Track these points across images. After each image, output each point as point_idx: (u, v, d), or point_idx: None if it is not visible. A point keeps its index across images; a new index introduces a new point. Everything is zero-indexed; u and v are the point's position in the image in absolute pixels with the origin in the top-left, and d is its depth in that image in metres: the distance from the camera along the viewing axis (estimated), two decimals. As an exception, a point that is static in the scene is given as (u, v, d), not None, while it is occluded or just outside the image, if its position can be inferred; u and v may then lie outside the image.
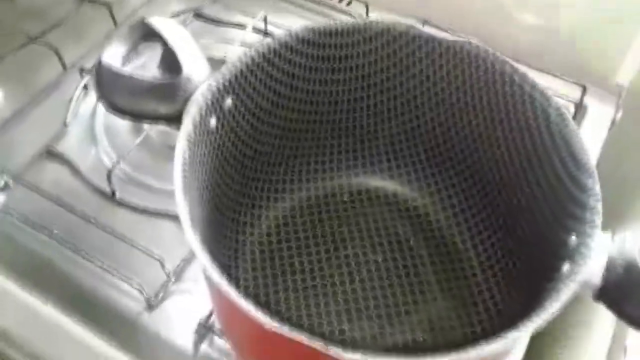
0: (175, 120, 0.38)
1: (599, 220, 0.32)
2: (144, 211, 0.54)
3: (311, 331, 0.43)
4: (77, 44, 0.67)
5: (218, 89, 0.38)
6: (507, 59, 0.39)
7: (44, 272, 0.51)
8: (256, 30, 0.67)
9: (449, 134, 0.46)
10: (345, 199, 0.52)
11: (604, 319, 0.48)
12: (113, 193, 0.55)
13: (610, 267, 0.32)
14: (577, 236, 0.33)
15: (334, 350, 0.28)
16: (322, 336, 0.43)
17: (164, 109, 0.38)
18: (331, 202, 0.51)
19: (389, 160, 0.51)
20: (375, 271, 0.48)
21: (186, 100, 0.38)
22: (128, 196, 0.55)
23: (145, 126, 0.59)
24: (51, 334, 0.50)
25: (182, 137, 0.35)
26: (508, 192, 0.41)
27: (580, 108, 0.61)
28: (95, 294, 0.50)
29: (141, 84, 0.37)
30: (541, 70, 0.60)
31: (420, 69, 0.43)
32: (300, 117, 0.46)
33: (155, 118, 0.38)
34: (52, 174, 0.57)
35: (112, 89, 0.37)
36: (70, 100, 0.62)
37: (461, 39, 0.41)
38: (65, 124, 0.60)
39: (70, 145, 0.59)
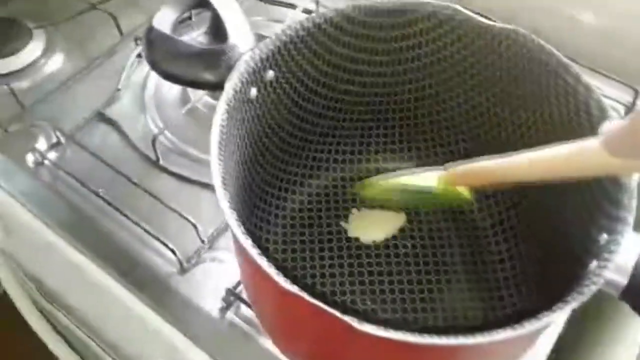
0: (218, 87, 0.38)
1: (631, 218, 0.32)
2: (185, 179, 0.56)
3: (330, 300, 0.44)
4: (135, 12, 0.69)
5: (261, 59, 0.39)
6: (553, 50, 0.38)
7: (85, 227, 0.53)
8: (307, 10, 0.68)
9: (489, 124, 0.45)
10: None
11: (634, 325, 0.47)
12: (157, 159, 0.57)
13: (638, 267, 0.31)
14: (607, 234, 0.33)
15: (349, 320, 0.28)
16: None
17: (208, 75, 0.39)
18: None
19: (427, 148, 0.51)
20: (403, 255, 0.48)
21: (230, 68, 0.38)
22: (171, 164, 0.57)
23: (192, 97, 0.61)
24: (87, 287, 0.52)
25: (222, 103, 0.36)
26: (543, 186, 0.40)
27: (630, 110, 0.60)
28: (132, 253, 0.52)
29: (188, 49, 0.38)
30: (593, 70, 0.58)
31: (464, 56, 0.43)
32: (341, 97, 0.47)
33: (200, 84, 0.39)
34: (102, 137, 0.59)
35: (161, 53, 0.38)
36: (124, 67, 0.64)
37: (508, 26, 0.40)
38: (117, 90, 0.62)
39: (120, 111, 0.61)
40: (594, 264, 0.32)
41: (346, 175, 0.52)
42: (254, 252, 0.30)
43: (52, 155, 0.57)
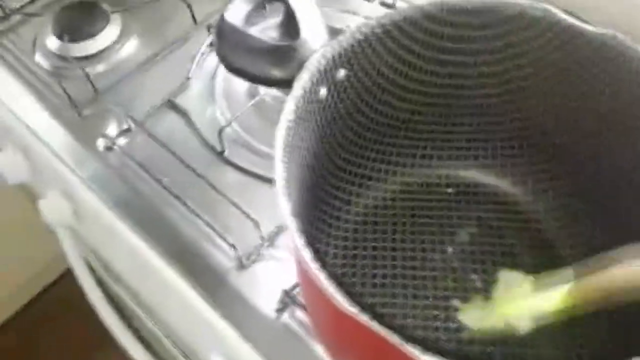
0: (287, 85, 0.37)
1: None
2: (249, 173, 0.55)
3: (390, 324, 0.42)
4: (210, 0, 0.68)
5: (333, 58, 0.37)
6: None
7: (148, 215, 0.53)
8: (384, 4, 0.65)
9: (572, 138, 0.42)
10: (449, 190, 0.49)
11: None
12: (222, 151, 0.56)
13: None
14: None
15: (409, 349, 0.26)
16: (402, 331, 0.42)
17: (277, 72, 0.37)
18: (434, 191, 0.49)
19: (503, 156, 0.47)
20: (471, 278, 0.45)
21: (300, 66, 0.37)
22: (236, 156, 0.56)
23: (261, 90, 0.60)
24: (147, 273, 0.53)
25: (290, 103, 0.34)
26: (620, 204, 0.37)
27: None
28: (192, 244, 0.51)
29: (258, 43, 0.37)
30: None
31: (552, 60, 0.40)
32: (415, 98, 0.44)
33: (268, 81, 0.38)
34: (170, 125, 0.59)
35: (231, 46, 0.37)
36: (196, 55, 0.63)
37: (605, 31, 0.36)
38: (188, 78, 0.61)
39: (189, 100, 0.61)
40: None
41: (415, 180, 0.49)
42: (313, 266, 0.28)
43: (122, 141, 0.58)
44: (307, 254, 0.29)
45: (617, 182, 0.41)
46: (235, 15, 0.38)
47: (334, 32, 0.40)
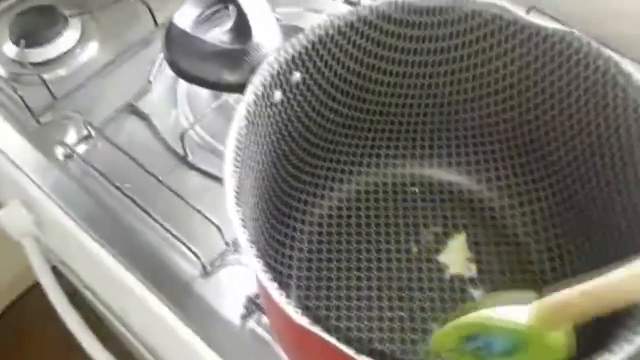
0: (241, 90, 0.36)
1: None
2: (213, 177, 0.54)
3: (347, 334, 0.41)
4: (171, 1, 0.67)
5: (286, 61, 0.36)
6: (613, 56, 0.34)
7: (110, 223, 0.52)
8: (348, 2, 0.64)
9: (536, 133, 0.42)
10: (415, 189, 0.48)
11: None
12: (185, 155, 0.55)
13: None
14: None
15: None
16: (359, 341, 0.41)
17: (229, 76, 0.36)
18: (399, 191, 0.48)
19: (467, 154, 0.47)
20: (436, 274, 0.44)
21: (253, 70, 0.36)
22: (200, 160, 0.55)
23: (225, 93, 0.59)
24: (112, 282, 0.51)
25: (241, 108, 0.34)
26: (587, 202, 0.36)
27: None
28: (155, 253, 0.50)
29: (209, 47, 0.36)
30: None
31: (512, 58, 0.39)
32: (374, 99, 0.43)
33: (220, 86, 0.37)
34: (132, 130, 0.58)
35: (180, 51, 0.36)
36: (157, 58, 0.62)
37: (562, 28, 0.36)
38: (148, 82, 0.60)
39: (152, 104, 0.60)
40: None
41: (379, 180, 0.49)
42: (263, 277, 0.27)
43: (82, 148, 0.57)
44: (257, 265, 0.28)
45: (584, 180, 0.40)
46: (185, 19, 0.37)
47: (298, 32, 0.39)
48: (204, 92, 0.60)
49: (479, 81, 0.42)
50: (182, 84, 0.61)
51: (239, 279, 0.48)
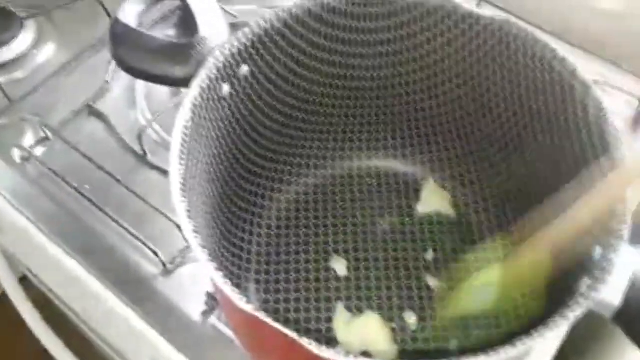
0: (188, 84, 0.36)
1: (625, 230, 0.28)
2: (173, 175, 0.54)
3: (297, 321, 0.42)
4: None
5: (232, 54, 0.37)
6: (549, 43, 0.35)
7: (68, 224, 0.52)
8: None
9: (482, 119, 0.42)
10: (370, 181, 0.49)
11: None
12: (144, 154, 0.55)
13: (634, 286, 0.28)
14: (602, 248, 0.30)
15: (306, 343, 0.26)
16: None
17: (177, 71, 0.37)
18: (355, 183, 0.49)
19: (420, 144, 0.48)
20: (392, 262, 0.45)
21: (199, 64, 0.36)
22: (160, 159, 0.55)
23: (183, 89, 0.59)
24: (72, 283, 0.51)
25: (187, 102, 0.34)
26: (534, 187, 0.37)
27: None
28: (115, 252, 0.50)
29: (154, 42, 0.36)
30: (608, 60, 0.54)
31: (455, 48, 0.40)
32: (326, 91, 0.44)
33: (167, 80, 0.37)
34: (90, 131, 0.58)
35: (126, 47, 0.36)
36: (114, 58, 0.62)
37: (500, 16, 0.37)
38: (105, 82, 0.60)
39: (110, 104, 0.59)
40: (585, 281, 0.29)
41: (334, 173, 0.49)
42: (209, 266, 0.28)
43: (39, 150, 0.56)
44: (202, 256, 0.28)
45: (528, 162, 0.41)
46: (130, 14, 0.37)
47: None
48: (162, 91, 0.60)
49: (427, 72, 0.42)
50: (141, 83, 0.60)
51: (200, 276, 0.48)
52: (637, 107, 0.54)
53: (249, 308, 0.26)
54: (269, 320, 0.26)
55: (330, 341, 0.41)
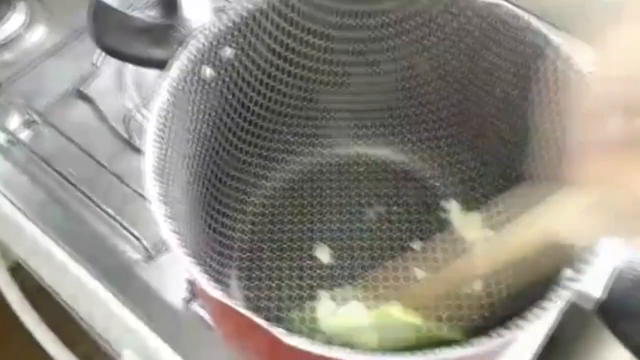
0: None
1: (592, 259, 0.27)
2: (160, 161, 0.53)
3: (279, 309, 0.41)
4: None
5: (214, 36, 0.36)
6: (540, 29, 0.34)
7: (52, 209, 0.51)
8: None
9: (473, 111, 0.41)
10: (360, 169, 0.48)
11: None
12: (131, 139, 0.54)
13: (617, 279, 0.27)
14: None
15: (276, 331, 0.25)
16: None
17: (157, 52, 0.36)
18: (344, 171, 0.48)
19: (411, 133, 0.47)
20: (378, 251, 0.44)
21: (181, 45, 0.35)
22: (146, 144, 0.54)
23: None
24: (56, 268, 0.50)
25: (165, 85, 0.33)
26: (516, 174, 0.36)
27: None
28: (98, 238, 0.50)
29: (134, 22, 0.35)
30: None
31: (447, 33, 0.39)
32: (313, 77, 0.43)
33: (147, 61, 0.36)
34: (77, 115, 0.57)
35: (106, 27, 0.35)
36: (104, 41, 0.61)
37: (492, 1, 0.36)
38: (93, 65, 0.59)
39: (98, 88, 0.58)
40: (568, 273, 0.28)
41: (322, 160, 0.48)
42: (179, 251, 0.27)
43: (25, 134, 0.55)
44: (172, 240, 0.28)
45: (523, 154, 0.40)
46: (111, -6, 0.36)
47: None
48: (151, 76, 0.59)
49: (416, 59, 0.41)
50: (129, 66, 0.59)
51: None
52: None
53: (217, 294, 0.26)
54: (237, 307, 0.25)
55: (313, 331, 0.40)
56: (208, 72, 0.37)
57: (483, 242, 0.30)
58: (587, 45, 0.32)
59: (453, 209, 0.47)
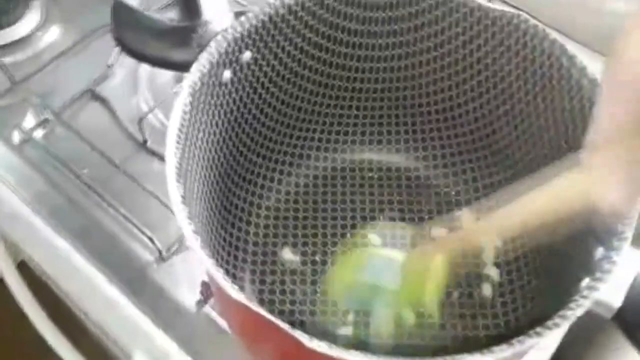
0: (189, 68, 0.36)
1: (630, 232, 0.28)
2: (173, 162, 0.53)
3: (292, 313, 0.41)
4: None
5: (235, 40, 0.36)
6: (556, 39, 0.34)
7: (65, 208, 0.51)
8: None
9: (488, 118, 0.42)
10: (371, 174, 0.48)
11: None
12: (144, 141, 0.54)
13: (635, 288, 0.27)
14: (604, 248, 0.29)
15: (298, 335, 0.26)
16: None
17: (178, 54, 0.36)
18: (355, 176, 0.48)
19: (424, 140, 0.47)
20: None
21: (202, 48, 0.35)
22: (160, 145, 0.54)
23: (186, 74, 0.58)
24: (68, 268, 0.51)
25: (186, 86, 0.33)
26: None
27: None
28: (111, 239, 0.50)
29: (156, 24, 0.35)
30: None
31: (463, 42, 0.39)
32: (327, 81, 0.43)
33: (168, 63, 0.36)
34: (91, 115, 0.57)
35: (128, 28, 0.36)
36: (119, 42, 0.61)
37: (510, 11, 0.36)
38: (108, 66, 0.59)
39: (112, 89, 0.59)
40: (586, 282, 0.28)
41: (335, 165, 0.49)
42: (200, 252, 0.27)
43: (39, 133, 0.56)
44: (195, 243, 0.28)
45: (534, 164, 0.41)
46: (133, -5, 0.36)
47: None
48: (165, 77, 0.59)
49: (432, 65, 0.42)
50: (144, 68, 0.60)
51: (195, 265, 0.48)
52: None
53: (241, 297, 0.26)
54: (261, 311, 0.26)
55: (325, 333, 0.41)
56: (226, 74, 0.37)
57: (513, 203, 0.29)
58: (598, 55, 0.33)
59: (465, 216, 0.47)
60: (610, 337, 0.41)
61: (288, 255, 0.45)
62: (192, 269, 0.48)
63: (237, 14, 0.37)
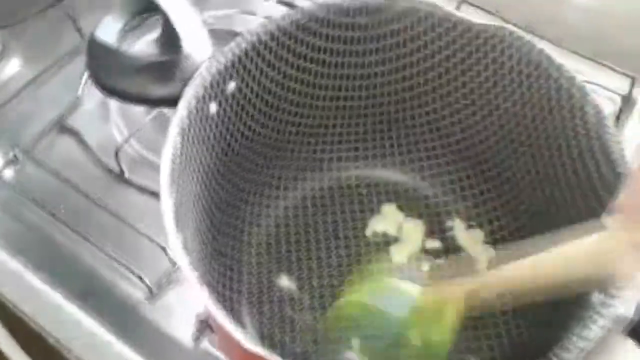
0: (173, 104, 0.34)
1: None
2: (153, 193, 0.52)
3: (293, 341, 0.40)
4: (99, 11, 0.64)
5: (219, 71, 0.35)
6: (544, 49, 0.34)
7: (47, 251, 0.49)
8: (282, 2, 0.63)
9: (475, 128, 0.42)
10: (362, 191, 0.48)
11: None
12: (122, 172, 0.53)
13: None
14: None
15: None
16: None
17: (160, 90, 0.35)
18: (345, 193, 0.48)
19: (410, 152, 0.47)
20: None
21: (184, 81, 0.34)
22: (138, 176, 0.53)
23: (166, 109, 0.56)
24: (53, 312, 0.48)
25: (174, 126, 0.32)
26: (532, 197, 0.37)
27: (627, 101, 0.55)
28: (97, 278, 0.48)
29: (135, 62, 0.34)
30: (587, 57, 0.54)
31: (446, 56, 0.39)
32: (313, 103, 0.43)
33: (151, 100, 0.35)
34: (63, 149, 0.55)
35: (104, 68, 0.34)
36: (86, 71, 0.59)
37: (494, 24, 0.36)
38: (77, 97, 0.57)
39: (82, 120, 0.57)
40: (596, 295, 0.28)
41: (326, 184, 0.48)
42: (196, 285, 0.26)
43: (9, 173, 0.53)
44: (192, 276, 0.27)
45: (523, 171, 0.41)
46: (109, 32, 0.35)
47: (232, 36, 0.38)
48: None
49: (416, 80, 0.41)
50: (114, 97, 0.58)
51: (187, 298, 0.46)
52: (619, 102, 0.54)
53: (242, 338, 0.25)
54: (262, 352, 0.25)
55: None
56: (213, 107, 0.36)
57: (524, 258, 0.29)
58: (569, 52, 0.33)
59: (457, 226, 0.47)
60: (623, 349, 0.41)
61: (284, 282, 0.44)
62: (184, 303, 0.46)
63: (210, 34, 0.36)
